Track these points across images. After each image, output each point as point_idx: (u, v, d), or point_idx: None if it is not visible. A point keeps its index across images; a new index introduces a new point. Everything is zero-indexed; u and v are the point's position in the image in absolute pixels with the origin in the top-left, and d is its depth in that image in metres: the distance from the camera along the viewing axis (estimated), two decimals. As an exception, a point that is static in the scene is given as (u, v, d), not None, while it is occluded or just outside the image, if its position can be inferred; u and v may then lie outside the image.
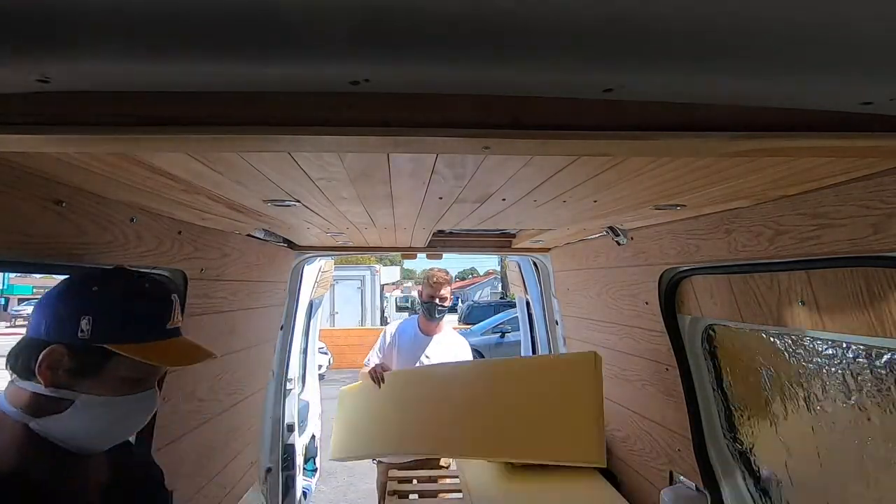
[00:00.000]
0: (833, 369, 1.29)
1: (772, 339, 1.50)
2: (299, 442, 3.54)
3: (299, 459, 3.53)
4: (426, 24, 0.53)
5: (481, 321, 14.34)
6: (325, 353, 11.36)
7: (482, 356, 12.00)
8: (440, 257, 3.06)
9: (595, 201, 1.46)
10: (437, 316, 3.11)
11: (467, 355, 3.16)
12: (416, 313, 3.56)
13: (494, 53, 0.59)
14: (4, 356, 1.01)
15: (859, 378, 1.21)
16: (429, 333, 3.17)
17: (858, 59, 0.59)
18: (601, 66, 0.62)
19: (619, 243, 2.02)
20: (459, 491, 2.54)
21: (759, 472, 1.65)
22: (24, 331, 1.01)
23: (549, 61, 0.61)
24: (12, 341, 1.02)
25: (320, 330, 5.13)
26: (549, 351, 3.38)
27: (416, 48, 0.57)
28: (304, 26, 0.53)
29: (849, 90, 0.67)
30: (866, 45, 0.56)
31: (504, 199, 1.47)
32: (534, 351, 3.83)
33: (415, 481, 2.84)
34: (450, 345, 3.15)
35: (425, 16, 0.51)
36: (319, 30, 0.54)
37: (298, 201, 1.46)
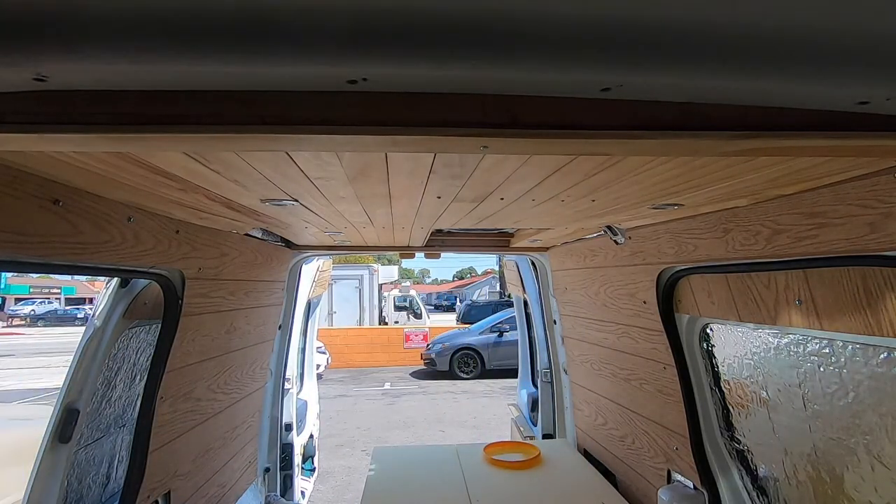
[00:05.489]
0: (830, 368, 1.29)
1: (769, 337, 1.51)
2: (297, 441, 3.54)
3: (297, 459, 3.53)
4: (424, 24, 0.53)
5: (479, 320, 14.36)
6: (324, 353, 11.36)
7: (481, 355, 12.22)
8: (438, 257, 3.06)
9: (593, 200, 1.46)
10: None
11: None
12: (414, 313, 3.52)
13: (493, 53, 0.59)
14: (4, 355, 1.00)
15: (855, 376, 1.21)
16: None
17: (855, 59, 0.59)
18: (598, 65, 0.62)
19: (617, 242, 2.02)
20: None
21: (755, 470, 1.66)
22: (20, 330, 1.01)
23: (547, 61, 0.61)
24: (10, 341, 1.01)
25: (318, 329, 5.13)
26: (548, 350, 3.38)
27: (414, 48, 0.57)
28: (302, 26, 0.53)
29: (845, 90, 0.67)
30: (862, 45, 0.56)
31: (502, 199, 1.47)
32: (531, 350, 3.83)
33: None
34: None
35: (423, 15, 0.51)
36: (317, 29, 0.54)
37: (296, 200, 1.45)
